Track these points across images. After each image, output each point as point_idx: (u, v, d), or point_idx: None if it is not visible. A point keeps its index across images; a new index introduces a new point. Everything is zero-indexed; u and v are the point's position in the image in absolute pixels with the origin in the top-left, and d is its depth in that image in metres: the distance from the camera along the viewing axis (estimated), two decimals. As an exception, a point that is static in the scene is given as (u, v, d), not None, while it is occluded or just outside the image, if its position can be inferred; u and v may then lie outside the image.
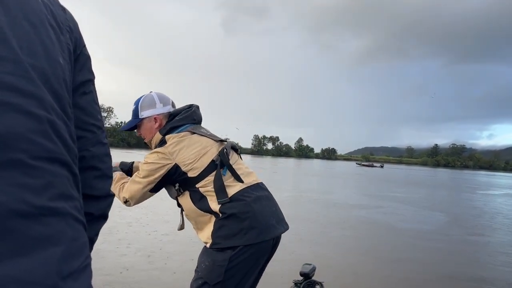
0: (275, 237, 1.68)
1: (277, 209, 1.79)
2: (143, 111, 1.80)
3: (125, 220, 6.06)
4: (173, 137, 1.69)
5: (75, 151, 0.59)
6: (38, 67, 0.53)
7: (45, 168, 0.50)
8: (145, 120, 1.80)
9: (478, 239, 6.98)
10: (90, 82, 0.71)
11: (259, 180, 1.80)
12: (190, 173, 1.65)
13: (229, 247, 1.57)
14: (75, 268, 0.52)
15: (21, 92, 0.49)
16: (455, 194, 17.73)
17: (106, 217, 0.76)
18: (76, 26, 0.68)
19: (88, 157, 0.69)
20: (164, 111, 1.81)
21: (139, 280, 3.53)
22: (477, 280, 4.38)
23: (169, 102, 1.84)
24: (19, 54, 0.50)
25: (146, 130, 1.82)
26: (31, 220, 0.47)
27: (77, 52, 0.67)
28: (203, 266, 1.61)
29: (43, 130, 0.51)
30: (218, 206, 1.61)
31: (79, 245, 0.54)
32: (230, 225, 1.59)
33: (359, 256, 5.05)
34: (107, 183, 0.74)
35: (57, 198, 0.51)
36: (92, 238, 0.73)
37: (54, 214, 0.50)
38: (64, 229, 0.51)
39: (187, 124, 1.78)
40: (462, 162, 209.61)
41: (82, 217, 0.57)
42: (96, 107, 0.73)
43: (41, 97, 0.52)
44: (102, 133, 0.73)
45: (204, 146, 1.70)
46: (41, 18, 0.57)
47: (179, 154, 1.65)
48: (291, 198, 10.82)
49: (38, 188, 0.48)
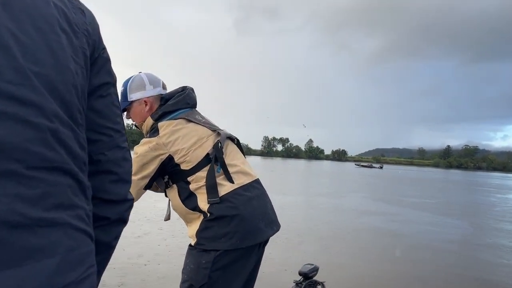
0: (262, 241, 1.62)
1: (269, 209, 1.70)
2: (132, 93, 1.69)
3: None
4: (167, 125, 1.59)
5: (83, 158, 0.59)
6: (43, 75, 0.52)
7: (42, 178, 0.50)
8: (135, 103, 1.70)
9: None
10: (109, 85, 0.70)
11: (255, 177, 1.71)
12: (183, 165, 1.57)
13: (213, 249, 1.52)
14: (73, 280, 0.51)
15: (20, 101, 0.48)
16: (473, 198, 16.79)
17: (125, 221, 0.74)
18: (95, 28, 0.67)
19: (104, 161, 0.68)
20: (154, 93, 1.71)
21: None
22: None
23: (159, 84, 1.74)
24: (21, 61, 0.50)
25: (136, 113, 1.72)
26: (23, 231, 0.46)
27: (95, 55, 0.66)
28: (188, 269, 1.57)
29: (42, 139, 0.50)
30: (207, 205, 1.54)
31: (79, 255, 0.53)
32: (215, 228, 1.53)
33: (365, 260, 5.06)
34: (124, 187, 0.72)
35: (54, 208, 0.51)
36: (110, 242, 0.72)
37: (49, 224, 0.49)
38: (60, 239, 0.50)
39: (181, 109, 1.68)
40: (475, 163, 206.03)
41: (85, 226, 0.56)
42: (115, 110, 0.71)
43: (42, 105, 0.51)
44: (120, 137, 0.72)
45: (199, 137, 1.61)
46: (51, 22, 0.55)
47: (174, 145, 1.56)
48: (298, 201, 10.81)
49: (33, 198, 0.48)
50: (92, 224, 0.60)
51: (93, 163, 0.65)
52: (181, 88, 1.77)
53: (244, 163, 1.73)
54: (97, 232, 0.62)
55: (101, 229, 0.67)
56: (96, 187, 0.65)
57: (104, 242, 0.69)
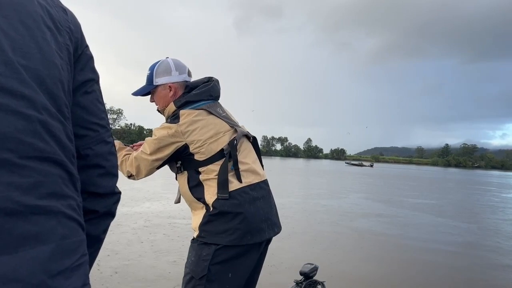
0: (262, 241, 1.64)
1: (272, 211, 1.73)
2: (157, 77, 1.73)
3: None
4: (188, 114, 1.63)
5: (71, 150, 0.59)
6: (31, 69, 0.53)
7: (34, 167, 0.51)
8: (160, 87, 1.74)
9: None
10: (93, 82, 0.71)
11: (263, 177, 1.74)
12: (196, 156, 1.61)
13: (213, 243, 1.56)
14: (67, 266, 0.52)
15: (11, 92, 0.50)
16: (475, 198, 17.08)
17: (113, 215, 0.76)
18: (77, 27, 0.68)
19: (92, 155, 0.70)
20: (180, 79, 1.74)
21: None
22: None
23: (185, 71, 1.77)
24: (11, 55, 0.51)
25: (160, 97, 1.76)
26: (18, 218, 0.47)
27: (78, 52, 0.67)
28: (190, 261, 1.61)
29: (33, 130, 0.51)
30: (212, 199, 1.58)
31: (72, 243, 0.54)
32: (217, 222, 1.57)
33: (363, 260, 5.06)
34: (111, 181, 0.74)
35: (47, 197, 0.52)
36: (99, 235, 0.73)
37: (43, 212, 0.50)
38: (54, 227, 0.51)
39: (204, 100, 1.71)
40: (473, 162, 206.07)
41: (77, 216, 0.57)
42: (99, 106, 0.73)
43: (32, 97, 0.52)
44: (106, 132, 0.73)
45: (217, 131, 1.64)
46: (36, 19, 0.57)
47: (191, 135, 1.60)
48: (297, 200, 10.80)
49: (26, 186, 0.49)
50: (82, 216, 0.61)
51: (81, 157, 0.67)
52: (207, 78, 1.81)
53: (255, 162, 1.76)
54: (86, 226, 0.63)
55: (89, 222, 0.68)
56: (85, 181, 0.66)
57: (93, 235, 0.70)
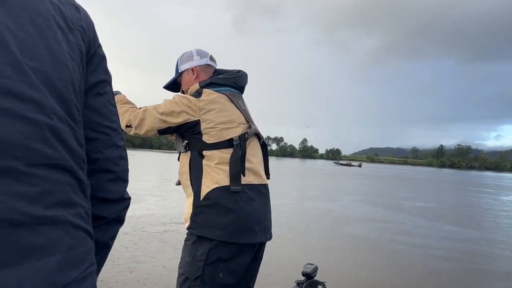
0: (251, 243, 1.61)
1: (267, 216, 1.72)
2: (181, 65, 1.85)
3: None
4: (210, 93, 1.66)
5: (81, 156, 0.58)
6: (41, 71, 0.51)
7: (42, 175, 0.49)
8: (184, 73, 1.84)
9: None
10: (105, 83, 0.69)
11: (264, 181, 1.74)
12: (205, 137, 1.61)
13: (207, 238, 1.54)
14: (73, 279, 0.50)
15: (19, 97, 0.47)
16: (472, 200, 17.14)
17: (122, 221, 0.74)
18: (90, 25, 0.66)
19: (102, 160, 0.67)
20: (201, 63, 1.83)
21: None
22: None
23: (206, 55, 1.86)
24: (19, 57, 0.49)
25: (185, 83, 1.84)
26: (24, 229, 0.45)
27: (90, 52, 0.65)
28: (184, 262, 1.59)
29: (41, 136, 0.49)
30: (209, 188, 1.57)
31: (79, 253, 0.52)
32: (209, 215, 1.56)
33: (364, 259, 5.03)
34: (122, 186, 0.72)
35: (55, 206, 0.50)
36: (107, 242, 0.71)
37: (50, 222, 0.48)
38: (61, 238, 0.50)
39: (229, 86, 1.76)
40: (467, 163, 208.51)
41: (85, 224, 0.56)
42: (111, 109, 0.71)
43: (41, 101, 0.50)
44: (117, 135, 0.71)
45: (232, 120, 1.66)
46: (47, 18, 0.55)
47: (207, 114, 1.62)
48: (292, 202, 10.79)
49: (33, 196, 0.47)
50: (91, 222, 0.59)
51: (90, 162, 0.65)
52: (237, 70, 1.87)
53: (260, 164, 1.76)
54: (94, 232, 0.61)
55: (98, 229, 0.66)
56: (94, 186, 0.64)
57: (101, 242, 0.67)
